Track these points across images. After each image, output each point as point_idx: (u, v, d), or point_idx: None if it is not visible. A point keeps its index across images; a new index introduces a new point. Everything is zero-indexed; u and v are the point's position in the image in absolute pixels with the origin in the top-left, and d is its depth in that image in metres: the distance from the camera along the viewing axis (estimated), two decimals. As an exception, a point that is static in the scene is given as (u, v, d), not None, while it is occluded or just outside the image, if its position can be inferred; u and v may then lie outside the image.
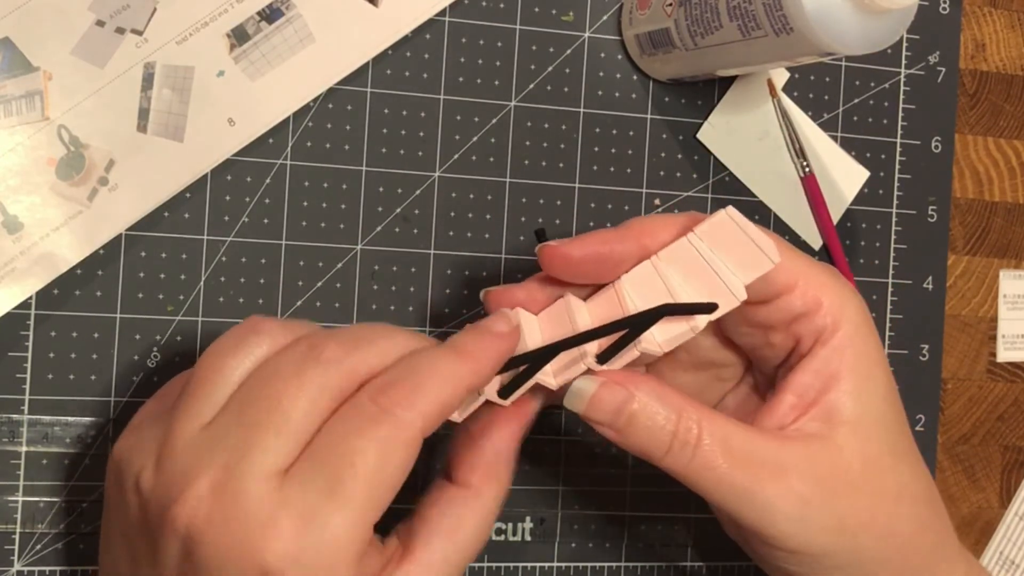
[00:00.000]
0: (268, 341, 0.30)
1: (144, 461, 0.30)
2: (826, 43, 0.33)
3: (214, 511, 0.27)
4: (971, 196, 0.47)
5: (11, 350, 0.37)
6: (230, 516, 0.27)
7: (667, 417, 0.31)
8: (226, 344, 0.31)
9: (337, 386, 0.29)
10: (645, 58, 0.42)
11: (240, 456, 0.28)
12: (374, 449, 0.28)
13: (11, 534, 0.37)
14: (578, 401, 0.32)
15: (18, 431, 0.37)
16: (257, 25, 0.38)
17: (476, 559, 0.40)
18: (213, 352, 0.31)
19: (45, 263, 0.36)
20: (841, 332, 0.33)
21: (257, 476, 0.28)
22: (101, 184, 0.37)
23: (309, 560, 0.27)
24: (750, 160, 0.44)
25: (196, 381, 0.30)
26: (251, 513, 0.27)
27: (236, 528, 0.27)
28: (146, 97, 0.37)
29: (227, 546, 0.27)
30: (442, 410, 0.29)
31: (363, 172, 0.40)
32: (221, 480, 0.28)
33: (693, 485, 0.32)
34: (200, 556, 0.28)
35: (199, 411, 0.29)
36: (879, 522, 0.33)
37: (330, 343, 0.30)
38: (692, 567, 0.43)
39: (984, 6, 0.47)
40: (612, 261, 0.32)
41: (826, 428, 0.33)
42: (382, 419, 0.28)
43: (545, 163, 0.42)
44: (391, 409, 0.28)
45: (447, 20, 0.41)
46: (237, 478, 0.28)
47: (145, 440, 0.30)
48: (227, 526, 0.27)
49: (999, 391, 0.47)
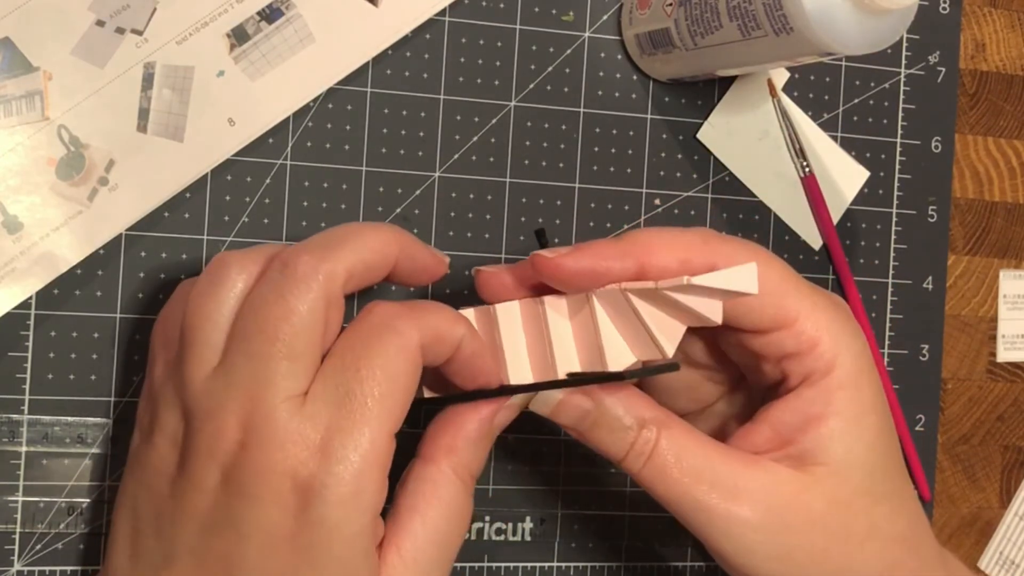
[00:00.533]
0: (238, 270, 0.31)
1: (172, 415, 0.31)
2: (826, 43, 0.33)
3: (248, 436, 0.29)
4: (971, 196, 0.47)
5: (11, 350, 0.37)
6: (263, 438, 0.29)
7: (627, 426, 0.32)
8: (203, 288, 0.31)
9: (322, 297, 0.30)
10: (645, 58, 0.42)
11: (261, 386, 0.29)
12: (378, 358, 0.30)
13: (11, 534, 0.37)
14: (544, 406, 0.33)
15: (18, 431, 0.37)
16: (257, 25, 0.38)
17: (472, 558, 0.41)
18: (194, 299, 0.31)
19: (45, 263, 0.36)
20: (833, 375, 0.33)
21: (281, 399, 0.29)
22: (101, 184, 0.37)
23: (341, 470, 0.29)
24: (750, 160, 0.44)
25: (189, 331, 0.31)
26: (282, 432, 0.29)
27: (270, 448, 0.29)
28: (146, 97, 0.37)
29: (263, 466, 0.29)
30: (429, 335, 0.31)
31: (363, 172, 0.40)
32: (248, 409, 0.29)
33: (648, 491, 0.33)
34: (237, 480, 0.29)
35: (203, 357, 0.31)
36: (833, 560, 0.33)
37: (302, 255, 0.31)
38: (692, 567, 0.43)
39: (984, 6, 0.47)
40: (607, 279, 0.32)
41: (796, 467, 0.33)
42: (381, 329, 0.30)
43: (545, 163, 0.42)
44: (389, 322, 0.30)
45: (447, 20, 0.41)
46: (263, 405, 0.29)
47: (168, 396, 0.31)
48: (261, 448, 0.29)
49: (999, 391, 0.47)
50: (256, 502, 0.29)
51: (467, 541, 0.41)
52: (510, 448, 0.41)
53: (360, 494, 0.29)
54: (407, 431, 0.31)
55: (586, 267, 0.32)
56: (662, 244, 0.32)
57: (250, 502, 0.29)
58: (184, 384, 0.31)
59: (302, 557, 0.29)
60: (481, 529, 0.41)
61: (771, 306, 0.32)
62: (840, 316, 0.33)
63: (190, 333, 0.31)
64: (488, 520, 0.41)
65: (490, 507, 0.41)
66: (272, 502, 0.29)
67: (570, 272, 0.32)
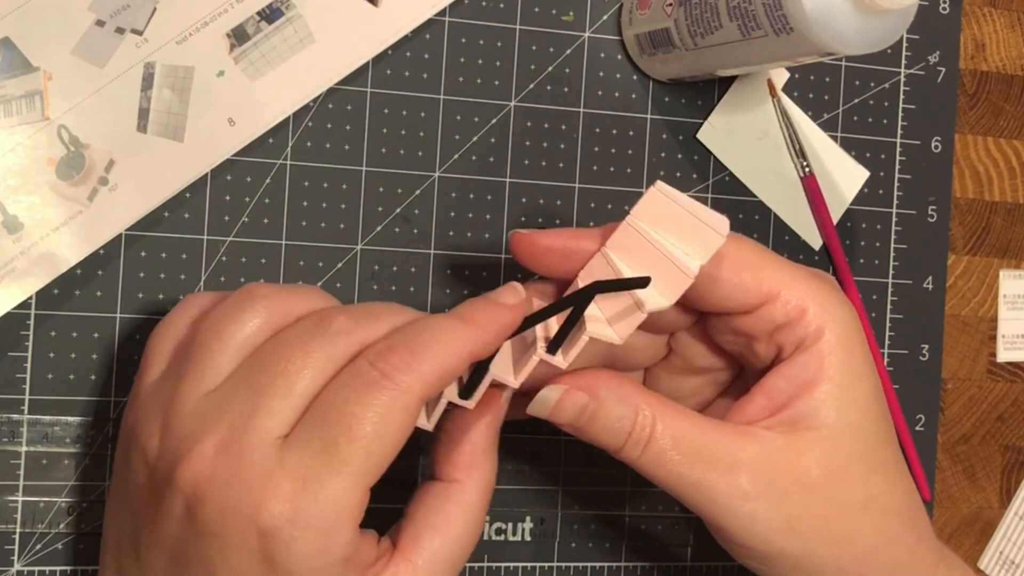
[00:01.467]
0: (264, 305, 0.31)
1: (151, 429, 0.30)
2: (826, 43, 0.33)
3: (218, 468, 0.28)
4: (971, 196, 0.47)
5: (11, 350, 0.37)
6: (232, 474, 0.28)
7: (623, 416, 0.32)
8: (225, 312, 0.31)
9: (344, 355, 0.30)
10: (645, 58, 0.42)
11: (246, 418, 0.29)
12: (372, 414, 0.28)
13: (11, 534, 0.37)
14: (542, 408, 0.33)
15: (18, 431, 0.37)
16: (257, 25, 0.38)
17: (472, 558, 0.41)
18: (214, 320, 0.31)
19: (45, 263, 0.36)
20: (824, 340, 0.33)
21: (261, 437, 0.28)
22: (101, 184, 0.37)
23: (305, 521, 0.28)
24: (750, 160, 0.44)
25: (198, 348, 0.31)
26: (253, 472, 0.28)
27: (237, 486, 0.28)
28: (146, 97, 0.37)
29: (228, 505, 0.28)
30: (442, 375, 0.29)
31: (363, 172, 0.40)
32: (226, 439, 0.28)
33: (648, 477, 0.33)
34: (201, 515, 0.28)
35: (203, 377, 0.30)
36: (835, 530, 0.33)
37: (339, 315, 0.30)
38: (692, 567, 0.43)
39: (984, 6, 0.47)
40: (578, 256, 0.32)
41: (790, 431, 0.33)
42: (381, 383, 0.28)
43: (545, 163, 0.42)
44: (390, 374, 0.29)
45: (447, 20, 0.41)
46: (241, 438, 0.28)
47: (152, 409, 0.31)
48: (228, 485, 0.28)
49: (999, 391, 0.47)
50: (222, 543, 0.28)
51: (467, 541, 0.41)
52: (510, 448, 0.41)
53: (328, 550, 0.28)
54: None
55: (558, 244, 0.32)
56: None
57: (216, 541, 0.28)
58: (174, 400, 0.30)
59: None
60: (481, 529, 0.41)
61: (753, 280, 0.32)
62: (824, 285, 0.33)
63: (197, 352, 0.30)
64: (488, 520, 0.41)
65: (490, 507, 0.41)
66: (237, 544, 0.28)
67: (542, 248, 0.32)
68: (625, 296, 0.31)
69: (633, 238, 0.32)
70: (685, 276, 0.31)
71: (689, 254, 0.31)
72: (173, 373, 0.31)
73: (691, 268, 0.31)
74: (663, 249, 0.31)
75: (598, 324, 0.31)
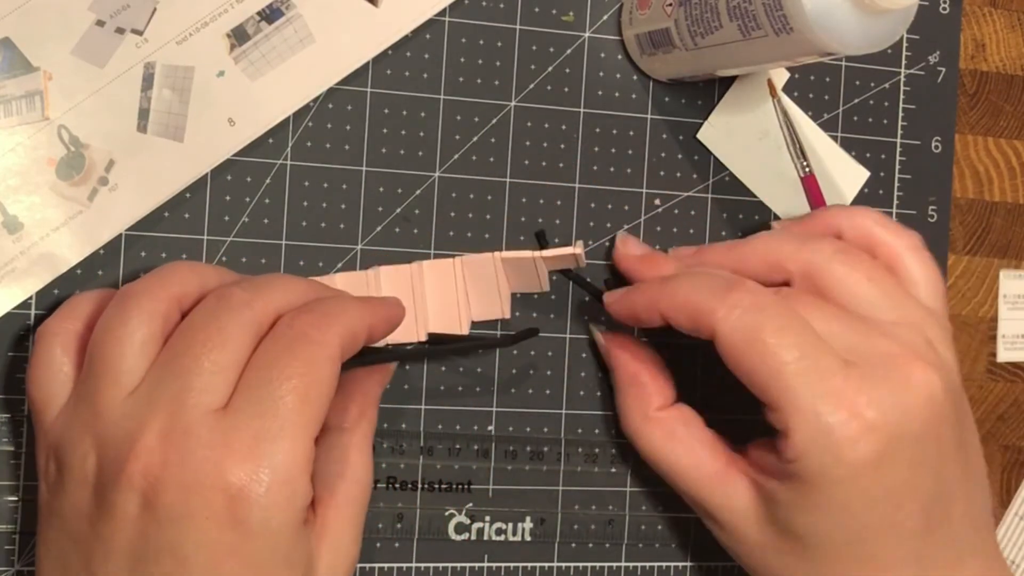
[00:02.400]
0: (149, 299, 0.32)
1: (84, 450, 0.31)
2: (826, 43, 0.33)
3: (168, 453, 0.29)
4: (971, 196, 0.47)
5: (11, 350, 0.37)
6: (185, 452, 0.29)
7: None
8: (113, 320, 0.32)
9: (253, 321, 0.31)
10: (645, 58, 0.42)
11: (181, 401, 0.30)
12: (303, 368, 0.30)
13: (11, 534, 0.37)
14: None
15: (18, 431, 0.37)
16: (257, 25, 0.38)
17: (472, 558, 0.41)
18: (106, 331, 0.32)
19: (45, 263, 0.36)
20: (790, 440, 0.34)
21: (202, 412, 0.30)
22: (101, 184, 0.37)
23: (269, 475, 0.29)
24: (750, 160, 0.44)
25: (102, 360, 0.31)
26: (205, 444, 0.29)
27: (193, 462, 0.29)
28: (146, 97, 0.37)
29: (188, 482, 0.29)
30: (352, 339, 0.32)
31: (363, 172, 0.40)
32: (167, 426, 0.29)
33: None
34: (162, 500, 0.29)
35: (119, 382, 0.31)
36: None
37: (235, 290, 0.32)
38: (692, 567, 0.43)
39: (984, 6, 0.47)
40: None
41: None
42: (303, 341, 0.31)
43: (545, 163, 0.42)
44: (308, 332, 0.31)
45: (447, 20, 0.41)
46: (182, 419, 0.29)
47: (75, 433, 0.31)
48: (184, 464, 0.29)
49: (999, 391, 0.47)
50: (188, 521, 0.29)
51: (467, 541, 0.41)
52: (510, 448, 0.41)
53: (294, 498, 0.30)
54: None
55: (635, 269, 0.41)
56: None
57: (182, 523, 0.29)
58: (97, 413, 0.30)
59: (247, 566, 0.29)
60: (481, 529, 0.41)
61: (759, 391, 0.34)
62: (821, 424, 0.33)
63: (104, 362, 0.31)
64: (488, 520, 0.41)
65: (490, 507, 0.41)
66: (205, 518, 0.29)
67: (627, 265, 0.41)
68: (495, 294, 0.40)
69: (488, 268, 0.40)
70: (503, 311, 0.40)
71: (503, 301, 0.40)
72: (82, 394, 0.31)
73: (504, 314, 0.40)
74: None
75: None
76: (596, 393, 0.42)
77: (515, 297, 0.41)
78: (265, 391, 0.30)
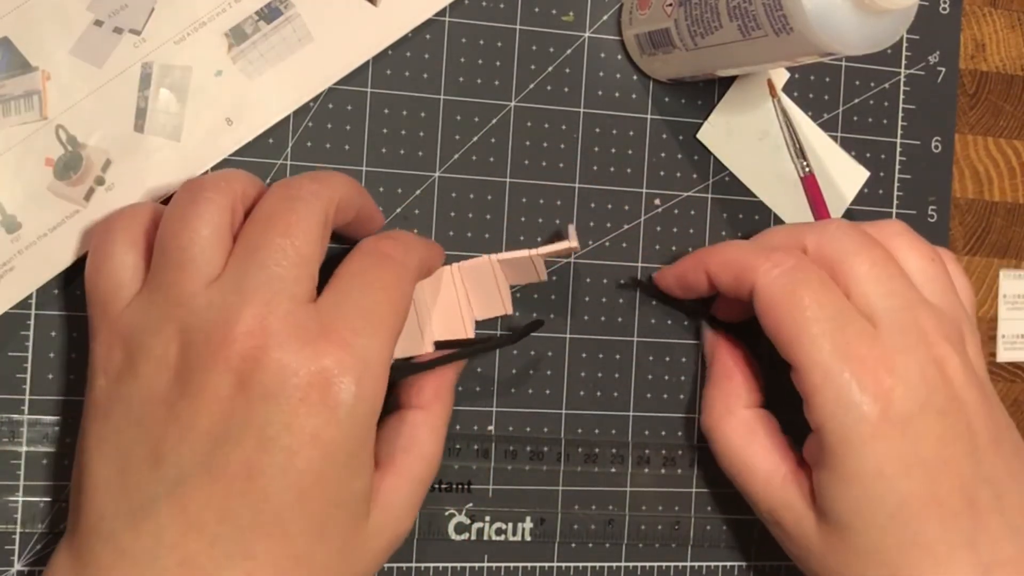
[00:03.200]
0: (216, 191, 0.32)
1: (166, 336, 0.31)
2: (826, 43, 0.33)
3: (268, 335, 0.30)
4: (971, 196, 0.47)
5: (11, 350, 0.37)
6: (285, 336, 0.30)
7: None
8: (184, 211, 0.32)
9: (322, 211, 0.32)
10: (645, 58, 0.42)
11: (275, 289, 0.31)
12: (390, 280, 0.33)
13: (11, 534, 0.37)
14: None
15: (18, 431, 0.37)
16: (255, 24, 0.38)
17: (472, 558, 0.41)
18: (176, 222, 0.32)
19: (43, 262, 0.36)
20: (824, 431, 0.35)
21: (297, 303, 0.31)
22: (98, 184, 0.37)
23: (360, 366, 0.31)
24: (750, 160, 0.44)
25: (178, 249, 0.32)
26: (305, 330, 0.30)
27: (293, 345, 0.30)
28: (144, 97, 0.37)
29: (286, 363, 0.30)
30: (425, 265, 0.36)
31: (363, 172, 0.40)
32: (263, 311, 0.30)
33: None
34: (257, 379, 0.30)
35: (200, 272, 0.31)
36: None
37: (303, 180, 0.33)
38: (692, 567, 0.43)
39: (984, 6, 0.47)
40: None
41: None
42: (390, 260, 0.33)
43: (545, 163, 0.42)
44: (392, 254, 0.34)
45: (447, 20, 0.41)
46: (279, 306, 0.30)
47: (153, 321, 0.32)
48: (283, 346, 0.30)
49: (999, 391, 0.47)
50: (282, 402, 0.30)
51: (467, 541, 0.41)
52: (510, 448, 0.41)
53: (378, 393, 0.31)
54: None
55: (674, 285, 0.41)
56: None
57: (275, 403, 0.30)
58: (179, 302, 0.31)
59: (324, 456, 0.30)
60: (481, 529, 0.41)
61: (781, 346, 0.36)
62: (833, 380, 0.35)
63: (179, 251, 0.31)
64: (488, 520, 0.41)
65: (490, 507, 0.41)
66: (299, 399, 0.30)
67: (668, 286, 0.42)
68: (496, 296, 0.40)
69: (485, 271, 0.40)
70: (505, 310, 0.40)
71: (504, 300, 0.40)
72: (158, 284, 0.32)
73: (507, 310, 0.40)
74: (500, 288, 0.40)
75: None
76: (596, 393, 0.42)
77: (515, 297, 0.41)
78: (359, 294, 0.32)
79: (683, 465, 0.43)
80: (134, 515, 0.30)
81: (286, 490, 0.30)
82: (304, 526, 0.30)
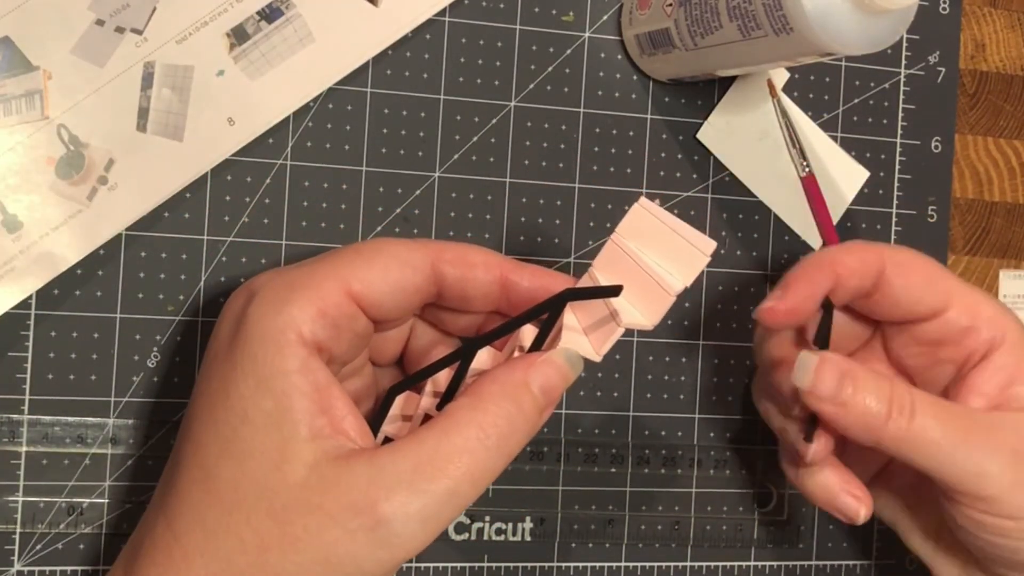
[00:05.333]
0: None
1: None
2: (826, 43, 0.33)
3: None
4: (971, 196, 0.47)
5: (11, 350, 0.37)
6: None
7: (881, 386, 0.34)
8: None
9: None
10: (645, 58, 0.42)
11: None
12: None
13: (11, 534, 0.37)
14: (804, 375, 0.34)
15: (18, 431, 0.37)
16: (257, 24, 0.38)
17: (472, 558, 0.41)
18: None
19: (45, 262, 0.36)
20: (1008, 340, 0.36)
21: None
22: (100, 183, 0.37)
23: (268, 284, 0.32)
24: (750, 160, 0.44)
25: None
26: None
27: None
28: (145, 96, 0.37)
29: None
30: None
31: (363, 172, 0.40)
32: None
33: (909, 451, 0.34)
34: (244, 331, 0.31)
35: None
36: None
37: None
38: (692, 567, 0.43)
39: (984, 6, 0.47)
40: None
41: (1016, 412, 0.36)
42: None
43: (545, 163, 0.42)
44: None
45: (447, 20, 0.41)
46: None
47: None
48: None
49: (999, 391, 0.47)
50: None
51: (467, 541, 0.41)
52: (510, 448, 0.41)
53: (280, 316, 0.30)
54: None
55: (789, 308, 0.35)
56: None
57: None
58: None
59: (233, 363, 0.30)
60: (481, 529, 0.41)
61: (932, 292, 0.36)
62: (987, 296, 0.37)
63: None
64: (488, 520, 0.41)
65: (490, 507, 0.41)
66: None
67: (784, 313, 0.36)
68: (605, 311, 0.31)
69: (618, 257, 0.31)
70: (667, 295, 0.30)
71: (673, 274, 0.30)
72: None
73: (674, 287, 0.30)
74: (647, 268, 0.30)
75: (574, 335, 0.31)
76: (596, 393, 0.42)
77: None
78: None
79: (683, 465, 0.43)
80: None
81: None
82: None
